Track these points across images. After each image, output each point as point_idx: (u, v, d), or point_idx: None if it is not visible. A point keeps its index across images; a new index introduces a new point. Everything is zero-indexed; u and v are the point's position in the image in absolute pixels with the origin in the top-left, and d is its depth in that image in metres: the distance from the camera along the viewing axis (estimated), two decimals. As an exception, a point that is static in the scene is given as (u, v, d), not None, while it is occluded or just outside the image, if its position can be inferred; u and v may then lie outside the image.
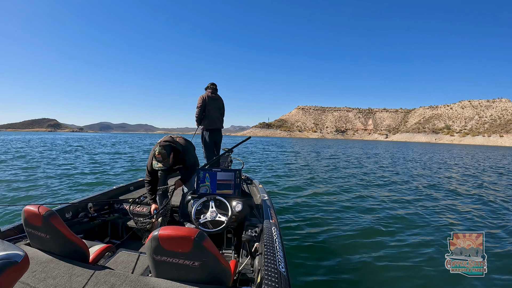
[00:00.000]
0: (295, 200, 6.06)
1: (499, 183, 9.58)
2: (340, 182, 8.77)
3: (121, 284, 1.20)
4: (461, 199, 6.79)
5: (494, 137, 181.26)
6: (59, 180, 7.60)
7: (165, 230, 1.15)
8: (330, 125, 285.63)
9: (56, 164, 11.01)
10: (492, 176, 11.55)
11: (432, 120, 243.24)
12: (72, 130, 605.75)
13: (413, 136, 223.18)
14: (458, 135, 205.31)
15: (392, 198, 6.62)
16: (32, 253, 1.45)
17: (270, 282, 1.23)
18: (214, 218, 2.14)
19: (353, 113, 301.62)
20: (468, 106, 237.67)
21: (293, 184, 8.17)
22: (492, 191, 7.98)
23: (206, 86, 4.43)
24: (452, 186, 8.71)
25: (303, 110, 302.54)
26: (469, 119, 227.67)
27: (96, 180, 7.96)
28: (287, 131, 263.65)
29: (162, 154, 2.35)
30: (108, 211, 2.90)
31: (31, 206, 1.45)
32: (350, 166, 13.89)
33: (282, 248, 1.64)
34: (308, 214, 5.01)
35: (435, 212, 5.42)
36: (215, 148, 4.57)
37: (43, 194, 6.06)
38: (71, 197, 5.91)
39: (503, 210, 5.73)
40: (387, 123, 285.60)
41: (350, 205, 5.78)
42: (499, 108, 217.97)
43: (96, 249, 1.79)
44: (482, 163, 19.01)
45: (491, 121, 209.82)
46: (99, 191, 3.06)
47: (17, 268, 0.73)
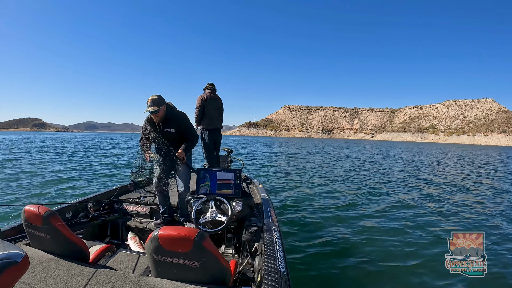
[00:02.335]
0: (295, 200, 6.06)
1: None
2: (339, 182, 8.77)
3: (121, 284, 1.20)
4: (462, 199, 6.80)
5: (478, 136, 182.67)
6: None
7: (165, 230, 1.15)
8: (316, 125, 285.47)
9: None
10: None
11: (417, 119, 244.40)
12: (57, 130, 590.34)
13: (398, 136, 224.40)
14: (443, 135, 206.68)
15: (392, 198, 6.62)
16: (32, 253, 1.45)
17: (270, 282, 1.23)
18: (214, 218, 2.14)
19: (339, 112, 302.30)
20: (453, 106, 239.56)
21: (293, 184, 8.18)
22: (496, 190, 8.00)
23: (205, 86, 4.44)
24: (456, 184, 8.72)
25: (290, 109, 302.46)
26: (454, 118, 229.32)
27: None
28: (273, 130, 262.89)
29: (154, 100, 2.35)
30: (108, 211, 2.90)
31: (31, 206, 1.45)
32: (349, 166, 13.89)
33: (282, 248, 1.64)
34: (308, 214, 5.01)
35: (435, 212, 5.42)
36: (215, 148, 4.57)
37: (43, 194, 6.06)
38: (71, 197, 5.91)
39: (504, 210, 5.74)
40: (373, 122, 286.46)
41: (350, 205, 5.78)
42: (484, 108, 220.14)
43: (96, 249, 1.79)
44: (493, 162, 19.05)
45: (476, 121, 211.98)
46: (99, 191, 3.06)
47: (17, 268, 0.73)
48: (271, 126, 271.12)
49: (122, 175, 9.03)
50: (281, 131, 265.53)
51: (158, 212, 2.84)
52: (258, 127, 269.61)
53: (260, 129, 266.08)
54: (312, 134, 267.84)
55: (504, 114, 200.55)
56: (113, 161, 13.33)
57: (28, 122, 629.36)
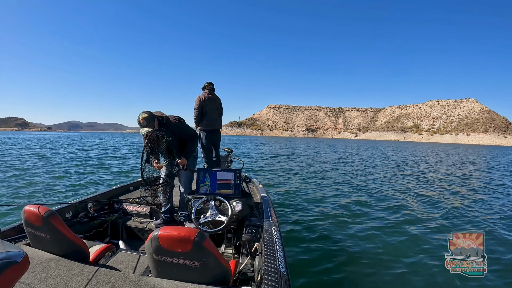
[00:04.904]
0: (295, 200, 6.06)
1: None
2: (339, 182, 8.77)
3: (121, 284, 1.20)
4: (461, 199, 6.80)
5: (461, 135, 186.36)
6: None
7: (165, 230, 1.15)
8: (300, 124, 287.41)
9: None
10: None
11: (401, 119, 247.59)
12: (40, 129, 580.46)
13: (382, 135, 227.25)
14: (426, 134, 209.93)
15: (391, 198, 6.62)
16: (32, 253, 1.45)
17: (270, 282, 1.23)
18: (214, 218, 2.14)
19: (323, 112, 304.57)
20: (436, 106, 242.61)
21: (293, 184, 8.18)
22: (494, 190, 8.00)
23: (203, 86, 4.35)
24: (456, 185, 8.73)
25: (274, 109, 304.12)
26: (437, 118, 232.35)
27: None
28: (258, 130, 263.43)
29: (146, 118, 2.33)
30: (108, 211, 2.90)
31: (31, 206, 1.45)
32: (349, 166, 13.89)
33: (282, 248, 1.64)
34: (308, 213, 5.02)
35: (435, 212, 5.42)
36: (214, 148, 4.56)
37: (43, 194, 6.05)
38: (71, 197, 5.90)
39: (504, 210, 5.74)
40: (357, 122, 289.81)
41: (349, 204, 5.79)
42: (467, 108, 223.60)
43: (96, 249, 1.79)
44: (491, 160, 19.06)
45: (459, 120, 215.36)
46: (99, 191, 3.06)
47: (17, 268, 0.73)
48: (256, 126, 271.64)
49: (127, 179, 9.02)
50: (266, 131, 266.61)
51: (158, 212, 2.85)
52: (243, 126, 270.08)
53: (244, 128, 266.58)
54: (296, 134, 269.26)
55: (486, 114, 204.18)
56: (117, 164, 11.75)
57: (11, 121, 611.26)
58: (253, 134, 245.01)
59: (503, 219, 5.06)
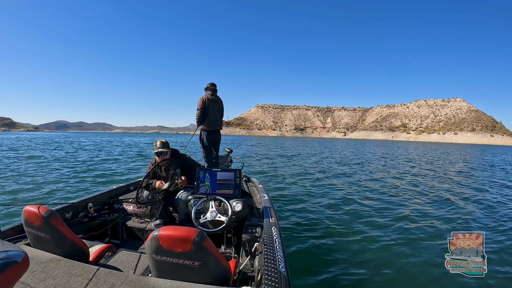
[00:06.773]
0: (295, 200, 6.06)
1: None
2: (339, 183, 8.77)
3: (121, 284, 1.20)
4: (462, 198, 6.80)
5: (448, 134, 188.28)
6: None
7: (165, 230, 1.15)
8: (289, 123, 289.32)
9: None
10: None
11: (389, 118, 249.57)
12: (27, 129, 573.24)
13: (370, 134, 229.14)
14: (414, 133, 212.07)
15: (391, 197, 6.62)
16: (32, 253, 1.45)
17: (270, 282, 1.23)
18: (214, 218, 2.14)
19: (312, 111, 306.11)
20: (424, 105, 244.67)
21: (292, 184, 8.18)
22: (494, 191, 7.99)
23: (206, 87, 4.38)
24: (455, 186, 8.72)
25: (263, 108, 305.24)
26: (424, 117, 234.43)
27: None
28: (246, 129, 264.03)
29: (163, 143, 2.76)
30: (108, 211, 2.90)
31: (31, 206, 1.45)
32: (347, 166, 13.89)
33: (282, 248, 1.64)
34: (308, 213, 5.01)
35: (435, 211, 5.42)
36: (214, 149, 4.56)
37: (43, 194, 6.05)
38: (71, 197, 5.90)
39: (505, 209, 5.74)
40: (345, 121, 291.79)
41: (349, 204, 5.78)
42: (454, 107, 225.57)
43: (96, 249, 1.79)
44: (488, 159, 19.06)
45: (446, 120, 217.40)
46: (99, 191, 3.06)
47: (17, 268, 0.73)
48: (244, 125, 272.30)
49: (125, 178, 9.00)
50: (254, 130, 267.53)
51: (158, 212, 2.84)
52: (231, 126, 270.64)
53: (233, 128, 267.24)
54: (285, 133, 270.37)
55: (474, 113, 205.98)
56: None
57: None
58: (241, 134, 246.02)
59: (503, 219, 5.06)
